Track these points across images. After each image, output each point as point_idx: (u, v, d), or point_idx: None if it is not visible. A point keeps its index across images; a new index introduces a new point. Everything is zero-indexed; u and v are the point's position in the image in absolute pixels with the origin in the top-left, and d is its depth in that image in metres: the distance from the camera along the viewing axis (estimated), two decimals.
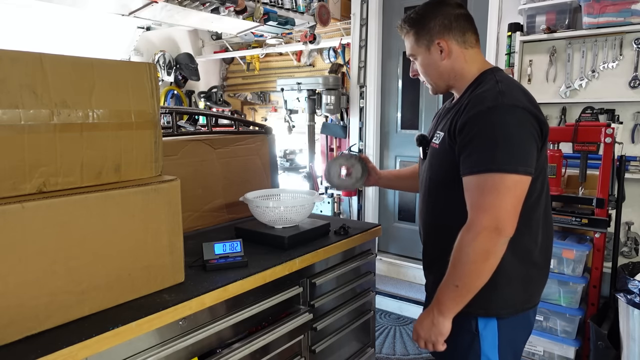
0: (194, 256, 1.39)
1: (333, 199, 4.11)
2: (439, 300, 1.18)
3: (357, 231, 1.76)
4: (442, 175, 1.28)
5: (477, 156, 1.13)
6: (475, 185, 1.13)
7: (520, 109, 1.13)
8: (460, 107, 1.22)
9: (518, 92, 1.19)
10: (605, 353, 2.19)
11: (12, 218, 0.93)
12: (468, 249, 1.11)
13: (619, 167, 2.32)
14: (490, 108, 1.13)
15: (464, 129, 1.16)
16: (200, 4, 2.89)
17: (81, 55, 1.11)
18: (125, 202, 1.12)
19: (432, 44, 1.27)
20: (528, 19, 2.88)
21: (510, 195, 1.10)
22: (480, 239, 1.10)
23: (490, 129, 1.12)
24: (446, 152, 1.23)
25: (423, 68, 1.33)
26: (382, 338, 3.03)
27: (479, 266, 1.11)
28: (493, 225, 1.09)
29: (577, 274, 2.30)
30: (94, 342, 0.97)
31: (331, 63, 4.19)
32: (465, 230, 1.13)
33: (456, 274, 1.14)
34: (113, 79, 1.13)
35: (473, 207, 1.13)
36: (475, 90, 1.22)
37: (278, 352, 1.42)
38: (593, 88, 2.73)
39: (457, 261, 1.14)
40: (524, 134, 1.12)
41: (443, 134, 1.26)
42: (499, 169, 1.09)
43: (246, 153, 2.04)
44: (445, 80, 1.31)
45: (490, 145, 1.11)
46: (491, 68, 1.30)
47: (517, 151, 1.10)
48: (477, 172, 1.12)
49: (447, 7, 1.29)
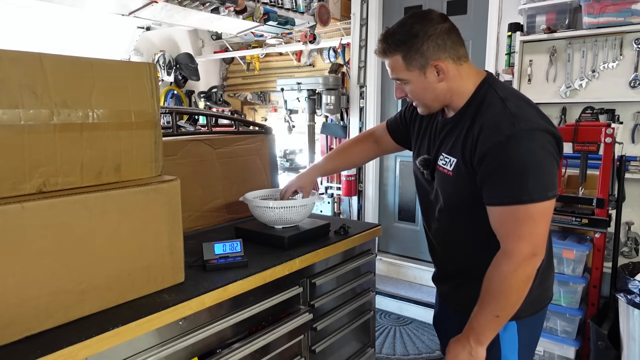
0: (194, 256, 1.39)
1: (333, 199, 4.11)
2: (477, 331, 1.15)
3: (357, 231, 1.76)
4: (459, 202, 1.24)
5: (505, 187, 1.10)
6: (507, 215, 1.11)
7: (538, 131, 1.10)
8: (469, 132, 1.17)
9: (528, 108, 1.16)
10: (605, 353, 2.19)
11: (12, 218, 0.93)
12: (510, 280, 1.10)
13: (619, 167, 2.32)
14: (509, 137, 1.09)
15: (483, 159, 1.13)
16: (200, 4, 2.89)
17: (81, 55, 1.11)
18: (125, 202, 1.12)
19: (427, 66, 1.17)
20: (528, 19, 2.88)
21: (543, 220, 1.11)
22: (522, 267, 1.09)
23: (514, 159, 1.09)
24: (463, 180, 1.19)
25: (417, 92, 1.23)
26: (382, 338, 3.03)
27: (520, 294, 1.12)
28: (532, 252, 1.09)
29: (577, 274, 2.30)
30: (94, 342, 0.97)
31: (331, 63, 4.19)
32: (504, 260, 1.11)
33: (498, 305, 1.12)
34: (113, 79, 1.13)
35: (509, 237, 1.11)
36: (481, 112, 1.17)
37: (278, 352, 1.42)
38: (593, 88, 2.73)
39: (498, 292, 1.12)
40: (547, 158, 1.10)
41: (455, 159, 1.21)
42: (531, 199, 1.08)
43: (246, 153, 2.04)
44: (442, 102, 1.24)
45: (517, 176, 1.09)
46: (486, 79, 1.23)
47: (544, 178, 1.09)
48: (507, 204, 1.10)
49: (435, 24, 1.16)
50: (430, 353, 2.84)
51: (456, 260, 1.35)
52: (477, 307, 1.16)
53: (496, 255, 1.14)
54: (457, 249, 1.33)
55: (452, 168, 1.22)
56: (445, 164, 1.25)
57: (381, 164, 3.96)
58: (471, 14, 3.37)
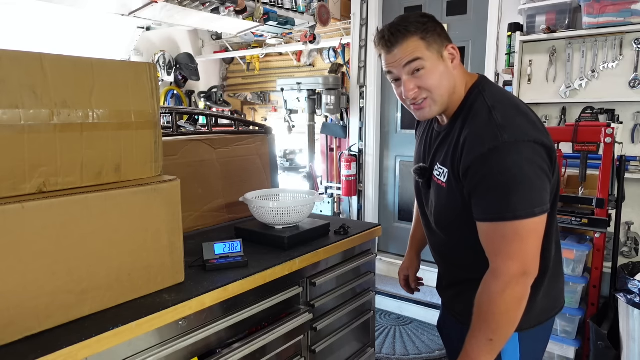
0: (194, 256, 1.39)
1: (333, 199, 4.11)
2: (471, 357, 1.09)
3: (357, 231, 1.76)
4: (453, 216, 1.20)
5: (488, 203, 1.06)
6: (493, 232, 1.07)
7: (524, 142, 1.04)
8: (457, 144, 1.13)
9: (517, 117, 1.08)
10: (605, 353, 2.19)
11: (12, 218, 0.93)
12: (499, 301, 1.05)
13: (619, 167, 2.32)
14: (492, 150, 1.03)
15: (467, 173, 1.08)
16: (200, 4, 2.89)
17: (81, 55, 1.11)
18: (125, 202, 1.12)
19: (443, 49, 1.13)
20: (528, 19, 2.88)
21: (532, 238, 1.05)
22: (512, 287, 1.04)
23: (497, 172, 1.03)
24: (454, 193, 1.15)
25: (434, 79, 1.13)
26: (382, 338, 3.03)
27: (512, 315, 1.06)
28: (521, 271, 1.04)
29: (577, 274, 2.30)
30: (94, 342, 0.97)
31: (331, 63, 4.19)
32: (491, 280, 1.07)
33: (489, 328, 1.07)
34: (113, 79, 1.13)
35: (496, 255, 1.07)
36: (469, 120, 1.12)
37: (278, 352, 1.42)
38: (593, 88, 2.73)
39: (488, 314, 1.07)
40: (534, 171, 1.03)
41: (447, 170, 1.17)
42: (515, 216, 1.02)
43: (246, 153, 2.04)
44: (449, 97, 1.16)
45: (500, 191, 1.04)
46: (477, 83, 1.18)
47: (531, 193, 1.03)
48: (492, 220, 1.06)
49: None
50: (430, 353, 2.84)
51: (454, 271, 1.33)
52: (470, 331, 1.11)
53: (485, 275, 1.09)
54: (455, 260, 1.30)
55: (445, 180, 1.18)
56: (439, 175, 1.21)
57: (381, 164, 3.96)
58: (471, 14, 3.37)
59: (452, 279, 1.35)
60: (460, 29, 3.40)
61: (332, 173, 4.26)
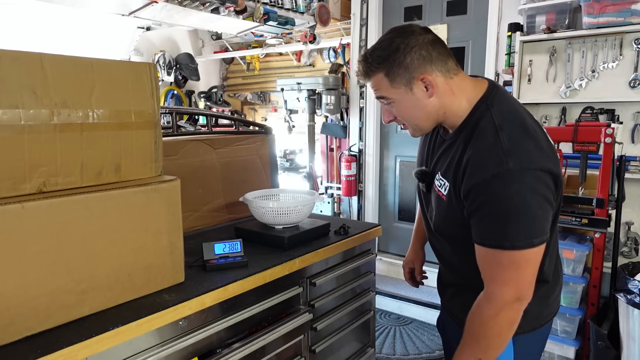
0: (194, 256, 1.39)
1: (333, 199, 4.11)
2: None
3: (357, 231, 1.76)
4: (452, 228, 1.19)
5: (487, 229, 1.05)
6: (490, 258, 1.06)
7: (530, 171, 1.00)
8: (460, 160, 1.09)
9: (524, 140, 1.04)
10: (605, 353, 2.19)
11: (12, 218, 0.93)
12: (491, 324, 1.06)
13: (619, 167, 2.32)
14: (495, 176, 1.00)
15: (469, 195, 1.06)
16: (200, 4, 2.89)
17: (81, 55, 1.11)
18: (125, 202, 1.12)
19: (413, 81, 1.07)
20: (528, 19, 2.88)
21: (529, 266, 1.04)
22: (504, 312, 1.05)
23: (497, 201, 1.01)
24: (455, 209, 1.13)
25: (405, 112, 1.12)
26: (382, 338, 3.03)
27: (503, 338, 1.07)
28: (515, 297, 1.04)
29: (577, 274, 2.30)
30: (94, 342, 0.97)
31: (331, 63, 4.19)
32: (485, 303, 1.07)
33: (479, 348, 1.08)
34: (113, 79, 1.13)
35: (492, 280, 1.07)
36: (473, 139, 1.08)
37: (278, 352, 1.42)
38: (593, 88, 2.73)
39: (480, 335, 1.08)
40: (536, 201, 1.01)
41: (448, 185, 1.14)
42: (513, 246, 1.01)
43: (246, 153, 2.04)
44: (434, 120, 1.14)
45: (500, 219, 1.02)
46: (484, 97, 1.12)
47: (531, 223, 1.01)
48: (490, 247, 1.04)
49: (417, 35, 1.07)
50: (430, 353, 2.84)
51: (451, 272, 1.33)
52: (459, 348, 1.11)
53: (479, 296, 1.09)
54: (453, 265, 1.31)
55: (446, 193, 1.15)
56: (440, 186, 1.18)
57: (381, 164, 3.96)
58: (471, 14, 3.37)
59: (450, 279, 1.36)
60: (460, 29, 3.40)
61: (332, 173, 4.26)
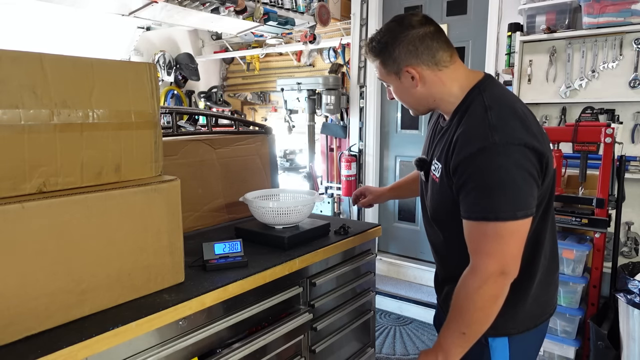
0: (194, 256, 1.39)
1: (333, 199, 4.11)
2: (444, 348, 1.12)
3: (357, 231, 1.76)
4: (444, 212, 1.23)
5: (473, 202, 1.08)
6: (475, 230, 1.09)
7: (514, 146, 1.04)
8: (451, 141, 1.14)
9: (511, 119, 1.09)
10: (605, 353, 2.19)
11: (12, 218, 0.93)
12: (475, 296, 1.07)
13: (619, 167, 2.32)
14: (481, 149, 1.05)
15: (457, 171, 1.11)
16: (200, 4, 2.89)
17: (81, 55, 1.11)
18: (125, 202, 1.12)
19: (400, 71, 1.19)
20: (528, 19, 2.88)
21: (513, 239, 1.06)
22: (488, 285, 1.06)
23: (483, 173, 1.06)
24: (446, 189, 1.18)
25: (397, 95, 1.26)
26: (382, 338, 3.03)
27: (487, 312, 1.08)
28: (499, 270, 1.06)
29: (577, 274, 2.30)
30: (94, 342, 0.98)
31: (331, 63, 4.19)
32: (470, 276, 1.09)
33: (463, 322, 1.10)
34: (113, 79, 1.13)
35: (477, 253, 1.09)
36: (464, 119, 1.14)
37: (278, 352, 1.42)
38: (593, 88, 2.73)
39: (464, 309, 1.10)
40: (521, 175, 1.05)
41: (441, 166, 1.19)
42: (497, 217, 1.04)
43: (246, 153, 2.04)
44: (425, 105, 1.24)
45: (484, 192, 1.06)
46: (478, 84, 1.19)
47: (515, 196, 1.04)
48: (475, 219, 1.08)
49: (409, 30, 1.15)
50: None
51: (447, 267, 1.34)
52: (445, 323, 1.13)
53: (464, 271, 1.11)
54: (448, 257, 1.32)
55: (439, 175, 1.21)
56: (435, 170, 1.23)
57: (381, 163, 3.96)
58: (471, 14, 3.37)
59: (446, 276, 1.36)
60: (460, 29, 3.40)
61: (332, 173, 4.26)
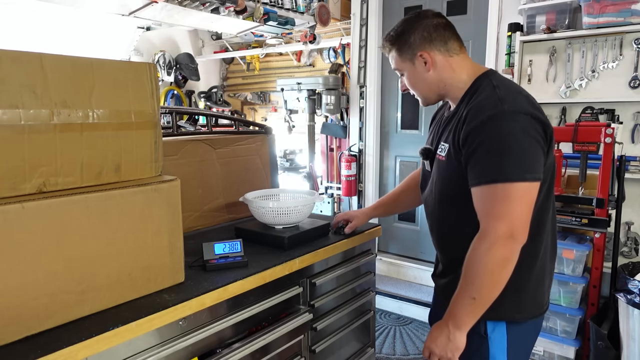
0: (194, 256, 1.39)
1: (333, 199, 4.11)
2: (455, 315, 1.14)
3: (357, 231, 1.76)
4: (452, 189, 1.26)
5: (483, 167, 1.12)
6: (485, 194, 1.12)
7: (522, 114, 1.12)
8: (461, 118, 1.21)
9: (518, 95, 1.17)
10: (605, 353, 2.19)
11: (12, 218, 0.93)
12: (485, 259, 1.09)
13: (619, 167, 2.32)
14: (490, 117, 1.12)
15: (467, 140, 1.16)
16: (200, 4, 2.89)
17: (81, 55, 1.11)
18: (125, 202, 1.12)
19: (415, 57, 1.28)
20: (528, 19, 2.88)
21: (522, 202, 1.09)
22: (497, 247, 1.08)
23: (493, 138, 1.11)
24: (453, 165, 1.22)
25: (410, 82, 1.33)
26: (382, 338, 3.03)
27: (496, 276, 1.09)
28: (508, 233, 1.07)
29: (577, 274, 2.30)
30: (94, 342, 0.97)
31: (331, 63, 4.19)
32: (479, 239, 1.11)
33: (473, 287, 1.11)
34: (113, 79, 1.13)
35: (486, 216, 1.12)
36: (473, 98, 1.21)
37: (278, 352, 1.42)
38: (593, 88, 2.73)
39: (474, 273, 1.11)
40: (528, 140, 1.11)
41: (448, 145, 1.25)
42: (506, 178, 1.08)
43: (246, 153, 2.04)
44: (435, 91, 1.31)
45: (495, 155, 1.11)
46: (485, 72, 1.27)
47: (523, 159, 1.09)
48: (485, 183, 1.11)
49: (425, 20, 1.28)
50: None
51: (452, 255, 1.34)
52: (457, 291, 1.15)
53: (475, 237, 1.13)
54: (453, 243, 1.32)
55: (445, 154, 1.26)
56: (441, 151, 1.29)
57: (381, 163, 3.96)
58: (471, 14, 3.37)
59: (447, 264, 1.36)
60: (460, 29, 3.34)
61: (332, 173, 4.26)
